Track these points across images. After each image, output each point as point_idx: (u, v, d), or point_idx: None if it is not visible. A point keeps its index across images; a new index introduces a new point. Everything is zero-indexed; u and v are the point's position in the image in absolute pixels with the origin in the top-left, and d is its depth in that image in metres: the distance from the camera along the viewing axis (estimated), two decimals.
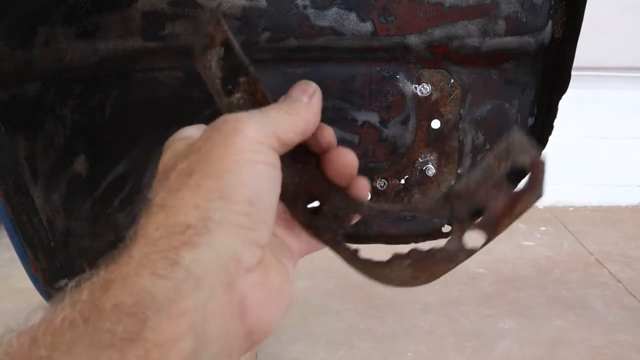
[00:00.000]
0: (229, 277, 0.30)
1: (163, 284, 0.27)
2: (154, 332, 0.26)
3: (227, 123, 0.33)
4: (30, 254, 0.51)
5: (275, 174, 0.34)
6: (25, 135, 0.51)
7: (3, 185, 0.48)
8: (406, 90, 0.57)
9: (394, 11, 0.54)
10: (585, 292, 1.53)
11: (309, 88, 0.39)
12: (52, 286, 0.54)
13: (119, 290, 0.27)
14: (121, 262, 0.29)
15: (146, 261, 0.28)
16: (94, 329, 0.26)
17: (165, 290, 0.27)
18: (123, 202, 0.61)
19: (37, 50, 0.49)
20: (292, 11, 0.53)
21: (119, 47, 0.53)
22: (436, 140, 0.59)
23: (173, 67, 0.57)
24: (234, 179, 0.32)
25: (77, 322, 0.26)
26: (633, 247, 1.81)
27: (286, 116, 0.37)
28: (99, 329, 0.26)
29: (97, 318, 0.26)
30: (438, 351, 1.23)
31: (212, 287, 0.29)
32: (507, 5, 0.54)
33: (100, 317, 0.26)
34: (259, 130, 0.34)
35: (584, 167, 2.17)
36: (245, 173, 0.32)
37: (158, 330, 0.26)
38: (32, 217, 0.51)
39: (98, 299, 0.27)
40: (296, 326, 1.24)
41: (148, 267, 0.28)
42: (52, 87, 0.52)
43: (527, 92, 0.59)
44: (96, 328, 0.26)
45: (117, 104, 0.57)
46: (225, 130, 0.33)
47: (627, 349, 1.28)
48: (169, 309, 0.27)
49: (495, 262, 1.65)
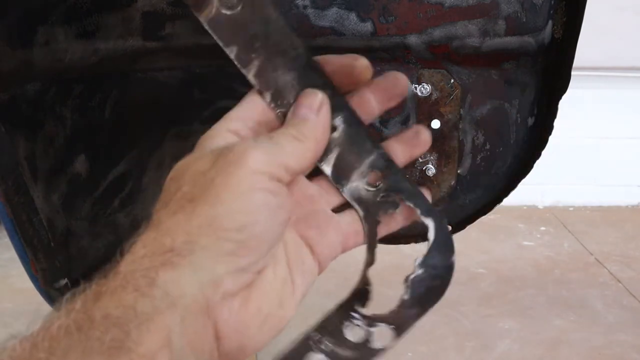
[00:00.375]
0: (206, 300, 0.31)
1: (143, 301, 0.29)
2: (136, 344, 0.28)
3: (233, 152, 0.34)
4: (30, 254, 0.51)
5: (276, 202, 0.35)
6: (25, 135, 0.51)
7: (3, 185, 0.48)
8: None
9: (394, 11, 0.54)
10: (585, 292, 1.53)
11: (315, 101, 0.39)
12: (52, 286, 0.54)
13: (108, 302, 0.29)
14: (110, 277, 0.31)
15: (130, 277, 0.30)
16: (86, 337, 0.28)
17: (144, 306, 0.29)
18: (123, 202, 0.61)
19: (37, 50, 0.49)
20: (292, 11, 0.53)
21: (119, 47, 0.53)
22: (436, 140, 0.59)
23: (173, 67, 0.57)
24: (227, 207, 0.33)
25: (72, 330, 0.28)
26: (633, 247, 1.81)
27: (295, 143, 0.37)
28: (91, 336, 0.28)
29: (89, 327, 0.28)
30: (438, 351, 1.23)
31: (187, 307, 0.30)
32: (507, 5, 0.54)
33: (91, 326, 0.28)
34: (263, 161, 0.34)
35: (584, 167, 2.17)
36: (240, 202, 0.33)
37: (139, 342, 0.28)
38: (32, 217, 0.51)
39: (90, 309, 0.29)
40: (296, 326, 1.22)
41: (132, 284, 0.30)
42: (52, 87, 0.52)
43: (527, 92, 0.59)
44: (88, 336, 0.28)
45: (117, 104, 0.57)
46: (231, 158, 0.34)
47: (627, 349, 1.28)
48: (148, 324, 0.29)
49: (495, 262, 1.65)
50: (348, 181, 0.41)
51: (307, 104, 0.38)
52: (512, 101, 0.59)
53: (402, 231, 0.62)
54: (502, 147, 0.60)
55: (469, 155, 0.60)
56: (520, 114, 0.60)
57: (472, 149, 0.60)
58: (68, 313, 0.29)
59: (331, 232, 0.40)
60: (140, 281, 0.30)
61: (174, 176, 0.35)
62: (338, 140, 0.41)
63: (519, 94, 0.59)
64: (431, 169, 0.60)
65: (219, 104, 0.58)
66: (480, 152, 0.60)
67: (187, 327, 0.30)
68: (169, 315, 0.30)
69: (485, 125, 0.59)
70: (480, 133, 0.59)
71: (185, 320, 0.30)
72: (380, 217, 0.42)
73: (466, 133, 0.59)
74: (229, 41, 0.39)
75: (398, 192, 0.42)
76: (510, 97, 0.59)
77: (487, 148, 0.60)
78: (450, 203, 0.61)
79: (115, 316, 0.29)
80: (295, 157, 0.36)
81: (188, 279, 0.31)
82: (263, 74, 0.39)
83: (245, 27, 0.39)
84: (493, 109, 0.59)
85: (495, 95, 0.58)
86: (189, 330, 0.30)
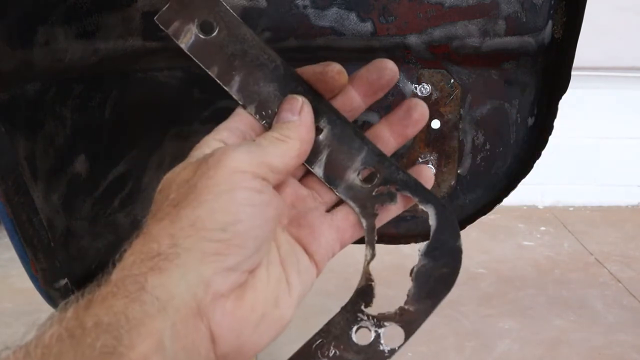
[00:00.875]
0: (197, 302, 0.32)
1: (133, 306, 0.30)
2: (127, 349, 0.29)
3: (213, 156, 0.35)
4: (30, 254, 0.51)
5: (261, 199, 0.35)
6: (25, 135, 0.51)
7: (3, 185, 0.48)
8: (406, 90, 0.57)
9: (394, 11, 0.54)
10: (585, 292, 1.53)
11: (295, 104, 0.40)
12: (52, 286, 0.54)
13: (98, 309, 0.30)
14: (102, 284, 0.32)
15: (120, 284, 0.31)
16: (77, 343, 0.28)
17: (135, 312, 0.30)
18: (123, 202, 0.61)
19: (37, 50, 0.49)
20: (292, 11, 0.53)
21: (119, 47, 0.53)
22: (436, 140, 0.59)
23: (173, 67, 0.57)
24: (208, 208, 0.33)
25: (64, 337, 0.29)
26: (633, 247, 1.81)
27: (277, 143, 0.38)
28: (82, 343, 0.28)
29: (80, 334, 0.29)
30: (438, 351, 1.24)
31: (177, 310, 0.31)
32: (507, 5, 0.54)
33: (83, 333, 0.29)
34: (243, 160, 0.35)
35: (584, 167, 2.17)
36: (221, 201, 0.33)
37: (131, 347, 0.29)
38: (32, 217, 0.51)
39: (81, 316, 0.30)
40: (296, 326, 1.22)
41: (122, 290, 0.31)
42: (52, 87, 0.52)
43: (527, 92, 0.59)
44: (79, 342, 0.28)
45: (117, 104, 0.57)
46: (211, 162, 0.35)
47: (627, 349, 1.28)
48: (139, 329, 0.29)
49: (495, 262, 1.65)
50: (341, 181, 0.42)
51: (288, 108, 0.40)
52: (512, 101, 0.59)
53: (402, 231, 0.62)
54: (502, 147, 0.60)
55: (469, 155, 0.60)
56: (520, 114, 0.60)
57: (472, 149, 0.60)
58: (60, 321, 0.30)
59: (325, 230, 0.41)
60: (130, 287, 0.31)
61: (162, 188, 0.36)
62: (325, 141, 0.42)
63: (519, 94, 0.59)
64: (431, 169, 0.60)
65: (219, 104, 0.58)
66: (480, 152, 0.60)
67: (179, 330, 0.30)
68: (159, 319, 0.30)
69: (485, 125, 0.59)
70: (480, 133, 0.59)
71: (177, 323, 0.30)
72: (378, 211, 0.42)
73: (466, 133, 0.59)
74: (210, 63, 0.41)
75: (393, 184, 0.42)
76: (510, 97, 0.59)
77: (487, 148, 0.60)
78: (450, 203, 0.61)
79: (107, 322, 0.29)
80: (279, 157, 0.37)
81: (176, 282, 0.31)
82: (245, 88, 0.41)
83: (223, 48, 0.41)
84: (493, 109, 0.59)
85: (495, 95, 0.58)
86: (181, 333, 0.31)
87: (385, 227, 0.44)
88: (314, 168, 0.42)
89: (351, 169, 0.42)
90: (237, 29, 0.41)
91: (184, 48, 0.41)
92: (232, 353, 0.33)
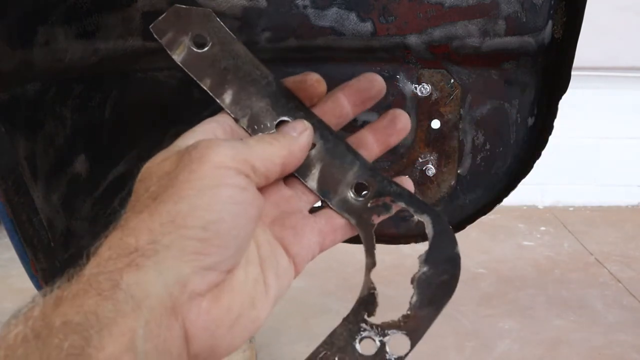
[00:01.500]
0: (172, 301, 0.31)
1: (106, 305, 0.29)
2: (96, 350, 0.27)
3: (196, 148, 0.34)
4: (30, 254, 0.51)
5: (244, 197, 0.34)
6: (25, 135, 0.51)
7: (3, 185, 0.48)
8: (406, 90, 0.57)
9: (393, 11, 0.54)
10: (585, 292, 1.53)
11: (299, 126, 0.40)
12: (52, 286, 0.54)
13: (68, 308, 0.29)
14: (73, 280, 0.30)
15: (93, 281, 0.30)
16: (43, 345, 0.27)
17: (107, 311, 0.28)
18: (123, 202, 0.61)
19: (37, 50, 0.49)
20: (292, 11, 0.53)
21: (119, 47, 0.53)
22: (436, 140, 0.59)
23: (173, 67, 0.57)
24: (190, 204, 0.32)
25: (29, 338, 0.28)
26: (633, 247, 1.82)
27: (266, 145, 0.37)
28: (49, 344, 0.27)
29: (47, 334, 0.28)
30: (438, 351, 1.24)
31: (152, 309, 0.30)
32: (507, 5, 0.54)
33: (50, 333, 0.28)
34: (227, 156, 0.34)
35: (584, 167, 2.17)
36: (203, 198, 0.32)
37: (100, 347, 0.27)
38: (32, 217, 0.51)
39: (49, 315, 0.28)
40: (296, 326, 1.24)
41: (94, 288, 0.29)
42: (52, 87, 0.52)
43: (527, 92, 0.59)
44: (46, 343, 0.27)
45: (117, 104, 0.57)
46: (194, 155, 0.34)
47: (627, 349, 1.28)
48: (111, 328, 0.28)
49: (495, 262, 1.65)
50: (335, 194, 0.42)
51: (292, 126, 0.40)
52: (512, 101, 0.59)
53: (402, 231, 0.62)
54: (502, 147, 0.60)
55: (469, 155, 0.60)
56: (520, 114, 0.60)
57: (472, 149, 0.60)
58: (26, 320, 0.28)
59: (307, 232, 0.40)
60: (104, 284, 0.29)
61: (142, 178, 0.35)
62: (318, 156, 0.43)
63: (519, 94, 0.59)
64: (431, 169, 0.60)
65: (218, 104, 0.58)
66: (480, 152, 0.60)
67: (152, 329, 0.29)
68: (132, 318, 0.29)
69: (485, 125, 0.59)
70: (480, 133, 0.59)
71: (150, 322, 0.29)
72: (374, 221, 0.42)
73: (466, 133, 0.59)
74: (202, 75, 0.42)
75: (387, 196, 0.42)
76: (510, 97, 0.59)
77: (487, 148, 0.60)
78: (450, 203, 0.61)
79: (76, 322, 0.28)
80: (262, 159, 0.36)
81: (153, 280, 0.30)
82: (238, 102, 0.42)
83: (216, 62, 0.42)
84: (493, 109, 0.59)
85: (495, 95, 0.58)
86: (154, 332, 0.30)
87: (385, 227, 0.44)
88: (307, 182, 0.42)
89: (344, 183, 0.43)
90: (230, 44, 0.42)
91: (176, 60, 0.41)
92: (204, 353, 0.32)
